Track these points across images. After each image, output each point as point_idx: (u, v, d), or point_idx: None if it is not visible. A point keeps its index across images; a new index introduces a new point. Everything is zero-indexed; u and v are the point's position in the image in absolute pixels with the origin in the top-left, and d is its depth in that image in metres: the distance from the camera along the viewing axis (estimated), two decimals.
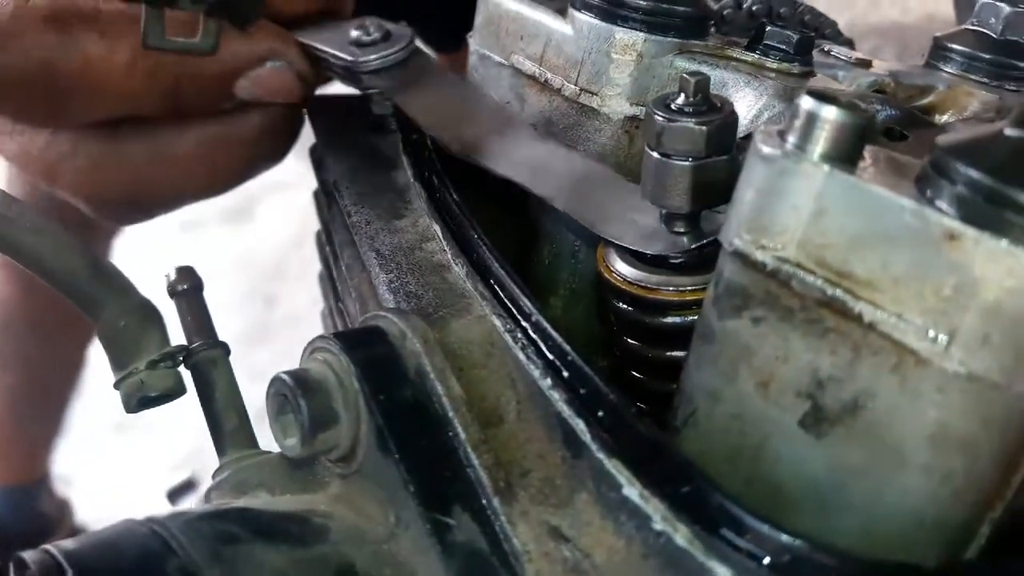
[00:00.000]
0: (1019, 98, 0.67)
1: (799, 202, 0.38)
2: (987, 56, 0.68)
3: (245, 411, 0.50)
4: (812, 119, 0.37)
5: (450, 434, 0.43)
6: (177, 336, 0.53)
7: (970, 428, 0.36)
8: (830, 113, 0.37)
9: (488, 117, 0.61)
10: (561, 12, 0.59)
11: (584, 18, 0.56)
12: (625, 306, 0.52)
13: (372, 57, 0.64)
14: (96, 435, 2.10)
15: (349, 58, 0.64)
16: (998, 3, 0.69)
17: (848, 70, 0.62)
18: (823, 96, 0.37)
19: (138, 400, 0.49)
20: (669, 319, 0.50)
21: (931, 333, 0.35)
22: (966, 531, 0.38)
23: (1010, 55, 0.68)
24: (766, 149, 0.38)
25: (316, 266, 0.82)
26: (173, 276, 0.54)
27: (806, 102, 0.37)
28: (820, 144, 0.37)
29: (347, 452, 0.44)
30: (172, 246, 2.44)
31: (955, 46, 0.70)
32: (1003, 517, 0.38)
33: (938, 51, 0.71)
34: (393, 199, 0.64)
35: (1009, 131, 0.35)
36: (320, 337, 0.46)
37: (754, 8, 0.70)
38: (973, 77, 0.69)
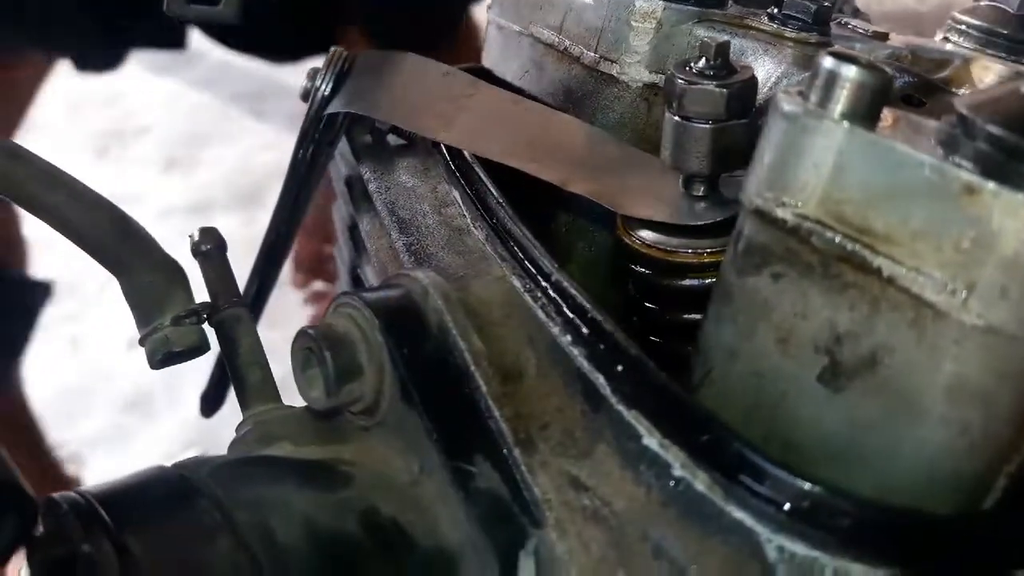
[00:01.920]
0: None
1: (820, 159, 0.38)
2: (1004, 31, 0.69)
3: (268, 367, 0.51)
4: (833, 78, 0.38)
5: (472, 387, 0.44)
6: (202, 296, 0.54)
7: (987, 380, 0.36)
8: (850, 72, 0.37)
9: (464, 93, 0.60)
10: None
11: None
12: (644, 270, 0.52)
13: (318, 84, 0.63)
14: (107, 415, 2.11)
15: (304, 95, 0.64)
16: None
17: (865, 42, 0.62)
18: (844, 56, 0.38)
19: (163, 356, 0.50)
20: (688, 281, 0.51)
21: (949, 286, 0.36)
22: (982, 483, 0.39)
23: None
24: (787, 107, 0.39)
25: None
26: (197, 236, 0.55)
27: (827, 61, 0.38)
28: (840, 103, 0.38)
29: (371, 404, 0.45)
30: (180, 230, 2.45)
31: (972, 20, 0.70)
32: (1020, 469, 0.38)
33: (955, 26, 0.71)
34: (413, 165, 0.64)
35: None
36: (345, 293, 0.47)
37: None
38: (990, 52, 0.69)
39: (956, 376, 0.37)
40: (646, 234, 0.51)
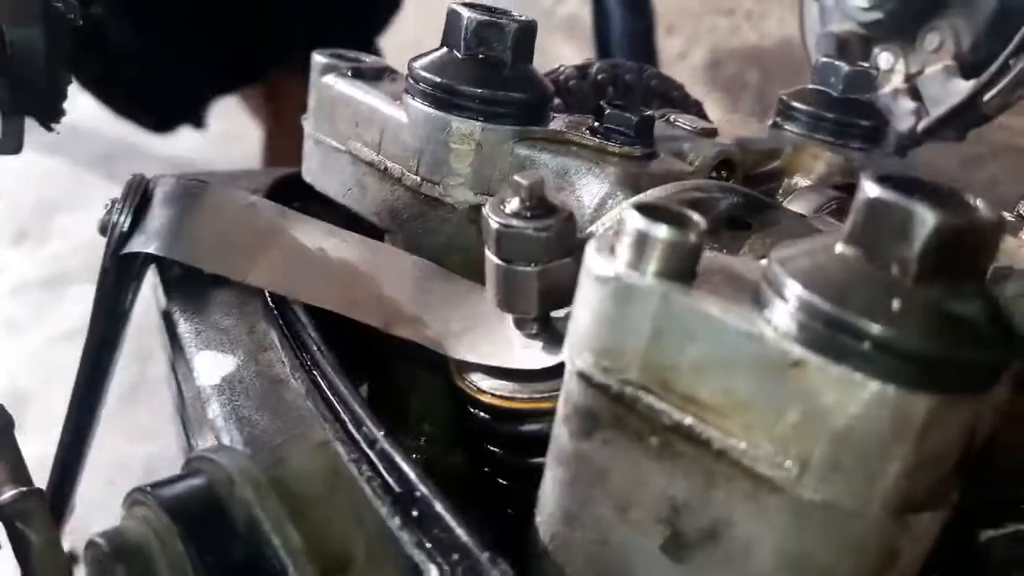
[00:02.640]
0: (865, 159, 0.67)
1: (636, 325, 0.36)
2: (830, 115, 0.69)
3: (68, 569, 0.45)
4: (643, 238, 0.35)
5: None
6: None
7: (830, 553, 0.34)
8: (661, 232, 0.35)
9: (271, 227, 0.55)
10: (395, 98, 0.56)
11: (418, 106, 0.54)
12: (482, 414, 0.49)
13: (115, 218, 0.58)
14: None
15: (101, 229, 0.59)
16: (836, 63, 0.70)
17: (693, 141, 0.61)
18: (652, 210, 0.35)
19: None
20: (527, 427, 0.48)
21: (783, 460, 0.33)
22: None
23: (851, 113, 0.69)
24: (599, 270, 0.36)
25: None
26: None
27: (635, 220, 0.35)
28: (653, 263, 0.35)
29: None
30: (35, 305, 2.29)
31: (799, 105, 0.70)
32: None
33: (784, 110, 0.71)
34: (229, 300, 0.59)
35: (840, 247, 0.34)
36: (138, 489, 0.41)
37: (599, 77, 0.69)
38: (818, 136, 0.69)
39: (798, 551, 0.34)
40: (479, 379, 0.48)
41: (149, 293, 0.65)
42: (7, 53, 0.50)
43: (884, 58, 1.00)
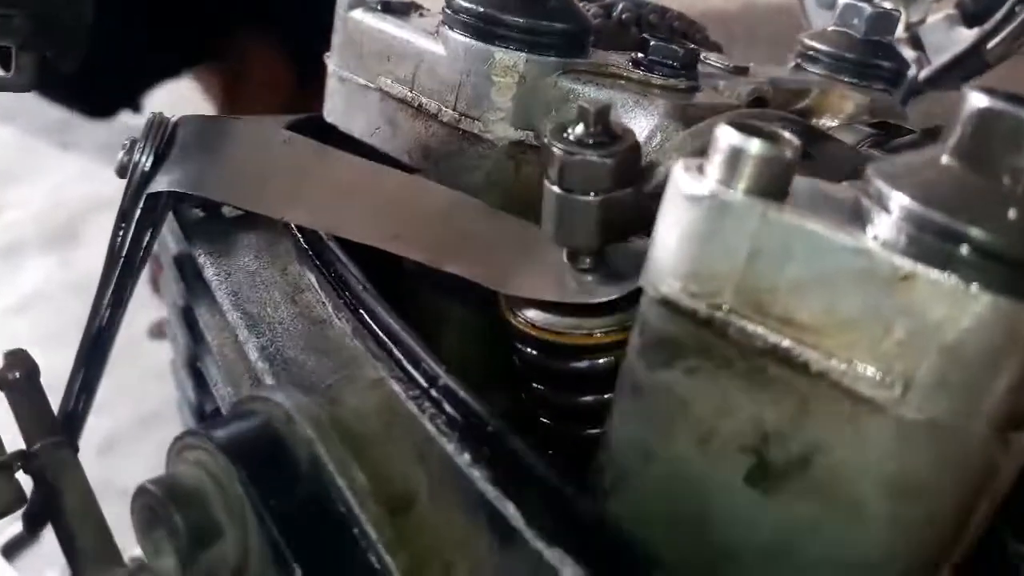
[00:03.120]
0: (886, 100, 0.67)
1: (732, 244, 0.34)
2: (852, 56, 0.68)
3: (103, 521, 0.43)
4: (736, 154, 0.34)
5: (356, 533, 0.37)
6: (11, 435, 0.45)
7: (930, 474, 0.33)
8: (755, 147, 0.34)
9: (310, 162, 0.53)
10: (429, 31, 0.54)
11: (459, 38, 0.51)
12: (533, 351, 0.47)
13: (137, 157, 0.55)
14: None
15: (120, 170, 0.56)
16: (859, 3, 0.69)
17: (728, 79, 0.59)
18: (746, 127, 0.34)
19: None
20: (580, 363, 0.46)
21: (886, 379, 0.32)
22: None
23: (874, 55, 0.69)
24: (690, 187, 0.35)
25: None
26: (2, 362, 0.45)
27: (729, 135, 0.34)
28: (747, 180, 0.34)
29: (236, 567, 0.37)
30: None
31: (821, 46, 0.69)
32: (963, 560, 0.36)
33: (806, 52, 0.70)
34: (256, 242, 0.57)
35: (946, 159, 0.33)
36: (190, 432, 0.39)
37: (624, 16, 0.67)
38: (841, 77, 0.69)
39: (898, 472, 0.34)
40: (532, 314, 0.46)
41: None
42: None
43: (886, 7, 1.00)
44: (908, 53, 0.98)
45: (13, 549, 1.63)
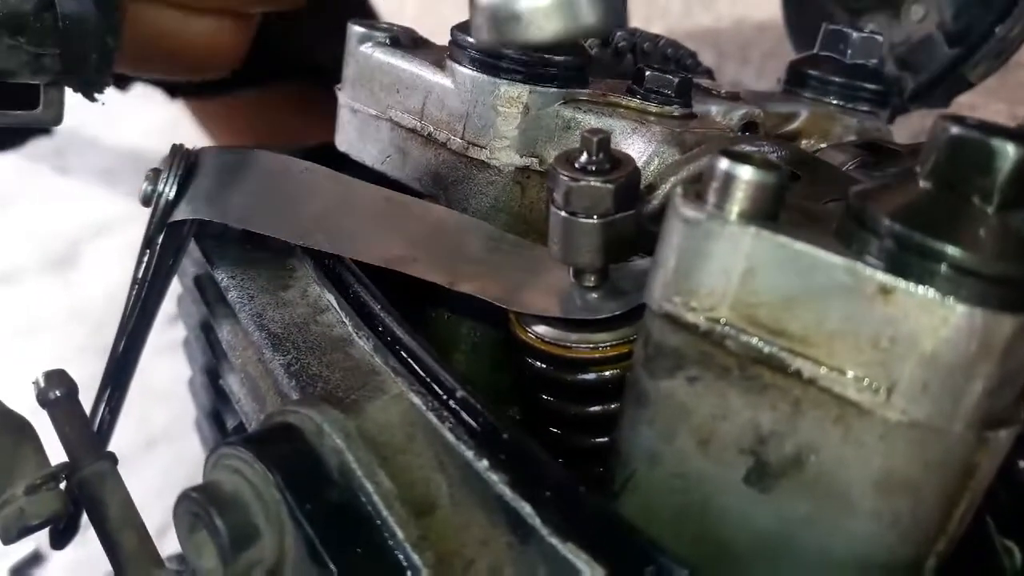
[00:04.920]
0: (874, 122, 0.70)
1: (727, 263, 0.37)
2: (839, 80, 0.72)
3: (144, 528, 0.45)
4: (729, 179, 0.37)
5: (386, 535, 0.40)
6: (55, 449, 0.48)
7: (914, 471, 0.36)
8: (747, 173, 0.37)
9: (328, 191, 0.56)
10: (436, 65, 0.57)
11: (465, 71, 0.55)
12: (542, 365, 0.50)
13: (161, 188, 0.58)
14: None
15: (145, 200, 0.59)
16: (844, 29, 0.73)
17: (720, 104, 0.63)
18: (737, 156, 0.37)
19: (18, 530, 0.44)
20: (588, 375, 0.49)
21: (871, 384, 0.35)
22: (914, 568, 0.39)
23: (859, 77, 0.72)
24: (688, 212, 0.38)
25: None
26: (42, 382, 0.48)
27: (722, 163, 0.37)
28: (740, 204, 0.37)
29: (273, 566, 0.40)
30: None
31: (809, 71, 0.73)
32: (948, 547, 0.39)
33: (794, 76, 0.74)
34: (275, 266, 0.60)
35: (923, 183, 0.36)
36: (227, 444, 0.42)
37: (619, 45, 0.70)
38: (828, 100, 0.72)
39: (884, 469, 0.37)
40: (542, 329, 0.50)
41: None
42: (59, 24, 0.49)
43: (869, 31, 1.04)
44: (893, 72, 1.01)
45: (21, 571, 1.65)
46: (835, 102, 0.71)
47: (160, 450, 1.82)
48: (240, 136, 1.62)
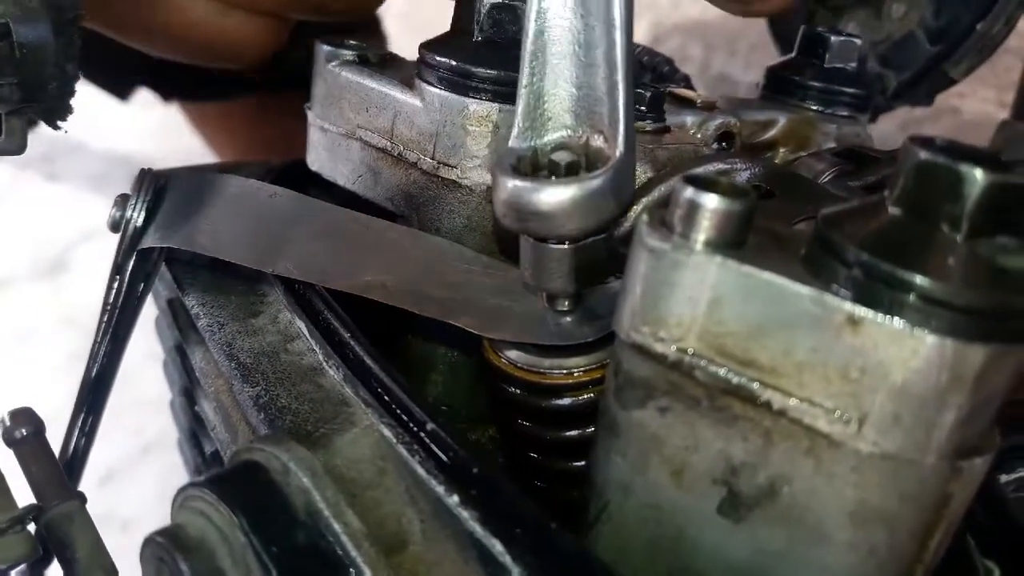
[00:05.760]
0: (853, 127, 0.69)
1: (694, 293, 0.37)
2: (817, 84, 0.71)
3: (114, 569, 0.45)
4: (694, 208, 0.36)
5: (354, 574, 0.39)
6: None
7: (888, 502, 0.36)
8: (712, 201, 0.36)
9: (295, 215, 0.55)
10: (405, 83, 0.56)
11: (434, 90, 0.54)
12: (516, 390, 0.49)
13: (129, 214, 0.57)
14: None
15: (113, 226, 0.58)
16: (822, 32, 0.72)
17: (695, 114, 0.62)
18: (702, 182, 0.37)
19: None
20: (563, 401, 0.49)
21: (842, 416, 0.35)
22: None
23: (838, 82, 0.71)
24: (652, 242, 0.37)
25: (148, 318, 0.74)
26: (8, 421, 0.47)
27: (687, 191, 0.36)
28: (705, 232, 0.36)
29: None
30: None
31: (787, 76, 0.72)
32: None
33: (773, 80, 0.73)
34: (246, 291, 0.59)
35: (891, 209, 0.35)
36: (191, 485, 0.41)
37: None
38: (807, 105, 0.71)
39: (858, 501, 0.36)
40: (515, 355, 0.49)
41: None
42: (15, 53, 0.48)
43: (851, 28, 1.03)
44: (875, 70, 1.00)
45: None
46: (814, 107, 0.70)
47: (156, 457, 1.81)
48: (236, 142, 1.61)
